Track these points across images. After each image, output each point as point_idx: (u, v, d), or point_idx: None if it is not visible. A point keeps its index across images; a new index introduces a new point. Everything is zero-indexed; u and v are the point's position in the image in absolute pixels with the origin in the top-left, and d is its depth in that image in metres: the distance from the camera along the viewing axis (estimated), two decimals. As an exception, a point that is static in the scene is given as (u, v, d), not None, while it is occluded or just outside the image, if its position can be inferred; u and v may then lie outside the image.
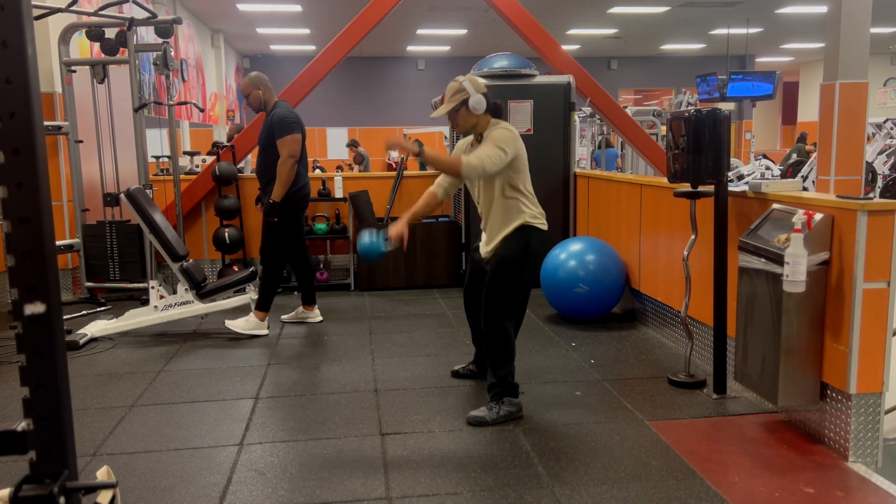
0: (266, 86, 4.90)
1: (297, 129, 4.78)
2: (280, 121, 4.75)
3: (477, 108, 3.36)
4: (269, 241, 4.91)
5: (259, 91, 4.87)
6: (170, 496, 2.74)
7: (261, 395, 3.79)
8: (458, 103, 3.37)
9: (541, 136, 6.20)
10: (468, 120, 3.41)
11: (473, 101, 3.35)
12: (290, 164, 4.73)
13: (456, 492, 2.73)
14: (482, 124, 3.43)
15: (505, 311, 3.40)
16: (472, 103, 3.35)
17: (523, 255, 3.40)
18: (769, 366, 3.14)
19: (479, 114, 3.38)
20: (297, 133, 4.77)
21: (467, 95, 3.36)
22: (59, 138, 6.00)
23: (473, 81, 3.40)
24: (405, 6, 7.07)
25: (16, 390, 3.93)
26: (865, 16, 6.05)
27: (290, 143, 4.72)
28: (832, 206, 3.05)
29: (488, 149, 3.26)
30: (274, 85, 5.01)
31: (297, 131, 4.77)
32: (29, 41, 1.05)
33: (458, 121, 3.43)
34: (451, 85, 3.42)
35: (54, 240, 1.12)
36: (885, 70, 18.64)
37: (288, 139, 4.72)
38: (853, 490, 2.73)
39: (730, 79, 11.92)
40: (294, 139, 4.74)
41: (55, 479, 1.07)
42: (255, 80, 4.89)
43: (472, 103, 3.35)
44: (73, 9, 5.52)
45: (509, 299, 3.40)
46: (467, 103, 3.36)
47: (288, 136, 4.72)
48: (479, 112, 3.37)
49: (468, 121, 3.42)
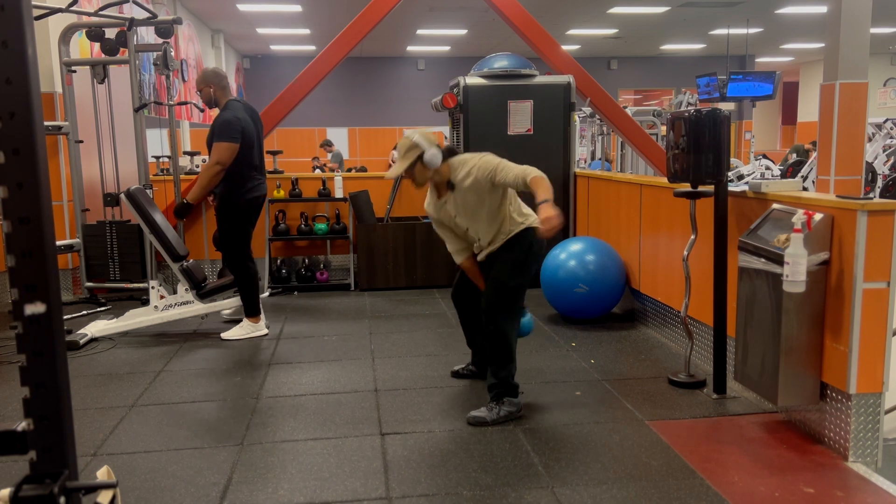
0: (219, 84, 4.72)
1: (238, 138, 4.54)
2: (222, 124, 4.56)
3: (432, 163, 3.34)
4: (227, 246, 4.79)
5: (210, 89, 4.72)
6: (170, 496, 2.74)
7: (261, 395, 3.79)
8: (414, 160, 3.35)
9: (541, 136, 6.20)
10: (424, 174, 3.40)
11: (428, 155, 3.33)
12: (215, 172, 4.52)
13: (456, 492, 2.73)
14: (443, 172, 3.42)
15: (506, 311, 3.41)
16: (427, 158, 3.33)
17: (525, 258, 3.42)
18: (769, 366, 3.14)
19: (435, 167, 3.37)
20: (235, 142, 4.53)
21: (421, 150, 3.33)
22: (60, 138, 6.00)
23: (426, 136, 3.38)
24: (405, 6, 7.07)
25: (16, 390, 3.93)
26: (865, 16, 6.05)
27: (222, 150, 4.52)
28: (832, 206, 3.05)
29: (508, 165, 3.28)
30: (274, 85, 4.97)
31: (235, 140, 4.53)
32: (29, 41, 1.05)
33: (414, 176, 3.40)
34: (401, 142, 3.39)
35: (54, 240, 1.12)
36: (885, 70, 18.63)
37: (222, 146, 4.51)
38: (853, 490, 2.73)
39: (730, 79, 11.91)
40: (228, 148, 4.51)
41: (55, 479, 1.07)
42: (209, 76, 4.73)
43: (426, 158, 3.33)
44: (74, 9, 5.52)
45: (510, 300, 3.41)
46: (422, 158, 3.34)
47: (223, 143, 4.51)
48: (434, 165, 3.36)
49: (424, 175, 3.40)
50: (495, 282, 3.40)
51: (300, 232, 6.57)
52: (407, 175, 3.40)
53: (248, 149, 4.65)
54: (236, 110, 4.65)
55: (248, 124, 4.66)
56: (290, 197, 6.59)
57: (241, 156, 4.61)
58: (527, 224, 3.45)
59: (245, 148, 4.62)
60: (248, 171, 4.70)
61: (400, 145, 3.40)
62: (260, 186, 4.82)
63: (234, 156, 4.56)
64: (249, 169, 4.70)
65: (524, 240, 3.43)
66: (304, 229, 6.56)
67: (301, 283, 6.49)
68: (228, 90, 4.81)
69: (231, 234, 4.76)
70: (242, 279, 4.82)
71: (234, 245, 4.78)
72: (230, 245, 4.78)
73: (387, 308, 5.70)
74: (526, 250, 3.42)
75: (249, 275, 4.83)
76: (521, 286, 3.45)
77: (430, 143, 3.36)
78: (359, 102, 17.82)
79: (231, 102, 4.72)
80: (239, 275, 4.82)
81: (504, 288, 3.39)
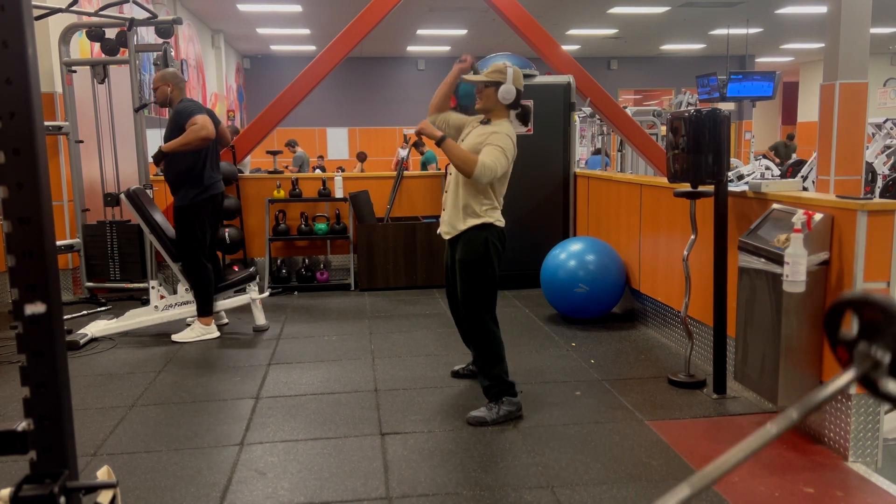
0: (177, 84, 4.77)
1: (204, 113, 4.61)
2: (184, 109, 4.59)
3: (505, 98, 3.37)
4: (182, 245, 4.75)
5: (167, 87, 4.75)
6: (170, 496, 2.74)
7: (261, 395, 3.79)
8: (492, 82, 3.38)
9: (541, 137, 6.20)
10: (490, 101, 3.42)
11: (504, 89, 3.36)
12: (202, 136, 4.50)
13: (456, 492, 2.73)
14: (498, 112, 3.44)
15: (484, 310, 3.41)
16: (503, 91, 3.36)
17: (485, 253, 3.39)
18: (769, 366, 3.14)
19: (504, 103, 3.39)
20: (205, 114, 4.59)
21: (503, 80, 3.36)
22: (60, 138, 6.00)
23: (517, 73, 3.41)
24: (405, 6, 7.06)
25: (16, 390, 3.93)
26: (865, 16, 6.05)
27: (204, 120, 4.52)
28: (832, 206, 3.05)
29: (497, 152, 3.28)
30: (274, 85, 4.99)
31: (203, 112, 4.61)
32: (29, 41, 1.05)
33: (482, 97, 3.43)
34: (496, 63, 3.42)
35: (55, 240, 1.12)
36: (885, 70, 18.63)
37: (198, 117, 4.53)
38: (853, 490, 2.73)
39: (730, 79, 11.91)
40: (203, 118, 4.54)
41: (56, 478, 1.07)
42: (168, 76, 4.77)
43: (502, 90, 3.36)
44: (74, 9, 5.53)
45: (484, 298, 3.41)
46: (499, 87, 3.37)
47: (198, 115, 4.54)
48: (505, 101, 3.38)
49: (490, 102, 3.42)
50: (465, 286, 3.41)
51: (300, 232, 6.57)
52: (477, 91, 3.43)
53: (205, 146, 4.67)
54: (194, 104, 4.71)
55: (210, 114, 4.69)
56: (290, 197, 6.59)
57: (198, 153, 4.63)
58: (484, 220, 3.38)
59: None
60: (205, 170, 4.70)
61: (493, 64, 3.43)
62: (217, 185, 4.82)
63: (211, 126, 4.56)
64: (205, 167, 4.71)
65: (479, 237, 3.38)
66: (304, 229, 6.56)
67: (301, 283, 6.49)
68: (184, 92, 4.85)
69: (190, 234, 4.71)
70: (197, 279, 4.78)
71: (191, 245, 4.73)
72: (188, 244, 4.73)
73: (387, 308, 5.70)
74: (483, 247, 3.38)
75: (204, 274, 4.79)
76: (489, 280, 3.41)
77: (515, 81, 3.38)
78: (359, 102, 17.82)
79: (185, 99, 4.77)
80: (193, 274, 4.78)
81: (474, 289, 3.39)
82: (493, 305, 3.47)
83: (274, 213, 6.60)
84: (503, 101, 3.38)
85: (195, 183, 4.66)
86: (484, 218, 3.38)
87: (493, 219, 3.41)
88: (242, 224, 6.54)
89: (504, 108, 3.43)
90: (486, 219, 3.39)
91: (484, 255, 3.38)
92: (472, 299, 3.40)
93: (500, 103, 3.40)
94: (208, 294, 4.84)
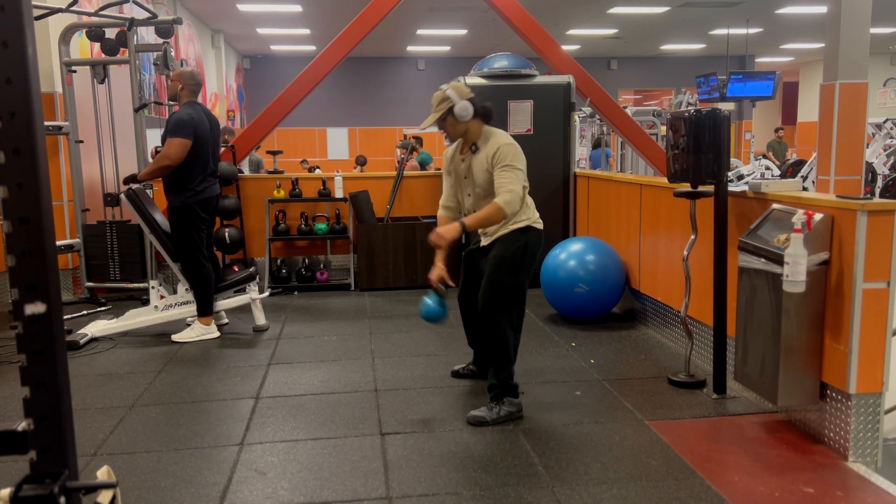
0: (187, 85, 4.75)
1: (190, 136, 4.56)
2: (177, 122, 4.58)
3: (463, 115, 3.36)
4: (179, 247, 4.77)
5: (179, 85, 4.75)
6: (170, 496, 2.74)
7: (261, 395, 3.79)
8: (444, 112, 3.38)
9: (541, 136, 6.20)
10: (457, 127, 3.42)
11: (459, 108, 3.35)
12: (163, 165, 4.55)
13: (456, 492, 2.73)
14: (473, 131, 3.43)
15: (503, 311, 3.39)
16: (458, 110, 3.36)
17: (521, 257, 3.40)
18: (769, 366, 3.14)
19: (466, 120, 3.38)
20: (188, 139, 4.56)
21: (452, 103, 3.36)
22: (60, 138, 6.00)
23: (457, 88, 3.40)
24: (405, 6, 7.07)
25: (16, 390, 3.93)
26: (865, 16, 6.05)
27: (173, 146, 4.53)
28: (832, 206, 3.05)
29: (509, 173, 3.29)
30: (274, 85, 4.99)
31: (188, 137, 4.56)
32: (29, 41, 1.05)
33: (447, 129, 3.44)
34: (435, 95, 3.42)
35: (55, 240, 1.12)
36: (885, 70, 18.63)
37: (175, 142, 4.54)
38: (853, 490, 2.73)
39: (730, 79, 11.91)
40: (180, 144, 4.53)
41: (56, 478, 1.07)
42: (185, 75, 4.76)
43: (457, 110, 3.36)
44: (74, 9, 5.53)
45: (507, 299, 3.40)
46: (453, 111, 3.36)
47: (176, 139, 4.54)
48: (466, 118, 3.37)
49: (457, 128, 3.43)
50: (491, 282, 3.39)
51: (300, 232, 6.57)
52: (439, 127, 3.44)
53: (200, 148, 4.65)
54: (193, 110, 4.69)
55: (202, 125, 4.67)
56: (290, 197, 6.59)
57: (193, 156, 4.62)
58: (526, 224, 3.44)
59: (197, 147, 4.63)
60: (201, 172, 4.70)
61: (433, 98, 3.43)
62: (212, 188, 4.83)
63: (185, 153, 4.57)
64: (202, 170, 4.71)
65: (520, 239, 3.42)
66: (304, 229, 6.56)
67: (301, 283, 6.49)
68: (196, 95, 4.84)
69: (184, 234, 4.72)
70: (196, 279, 4.79)
71: (187, 245, 4.74)
72: (183, 245, 4.75)
73: (387, 308, 5.70)
74: (521, 250, 3.41)
75: (203, 274, 4.79)
76: (518, 286, 3.44)
77: (461, 95, 3.38)
78: (359, 102, 17.81)
79: (191, 103, 4.75)
80: (193, 274, 4.79)
81: (500, 288, 3.38)
82: (513, 308, 3.46)
83: (274, 213, 6.60)
84: (465, 118, 3.37)
85: (182, 188, 4.67)
86: (523, 221, 3.43)
87: (532, 220, 3.46)
88: (242, 224, 6.54)
89: (473, 122, 3.42)
90: (525, 222, 3.43)
91: (520, 259, 3.41)
92: (495, 298, 3.38)
93: (465, 122, 3.39)
94: (208, 294, 4.84)
